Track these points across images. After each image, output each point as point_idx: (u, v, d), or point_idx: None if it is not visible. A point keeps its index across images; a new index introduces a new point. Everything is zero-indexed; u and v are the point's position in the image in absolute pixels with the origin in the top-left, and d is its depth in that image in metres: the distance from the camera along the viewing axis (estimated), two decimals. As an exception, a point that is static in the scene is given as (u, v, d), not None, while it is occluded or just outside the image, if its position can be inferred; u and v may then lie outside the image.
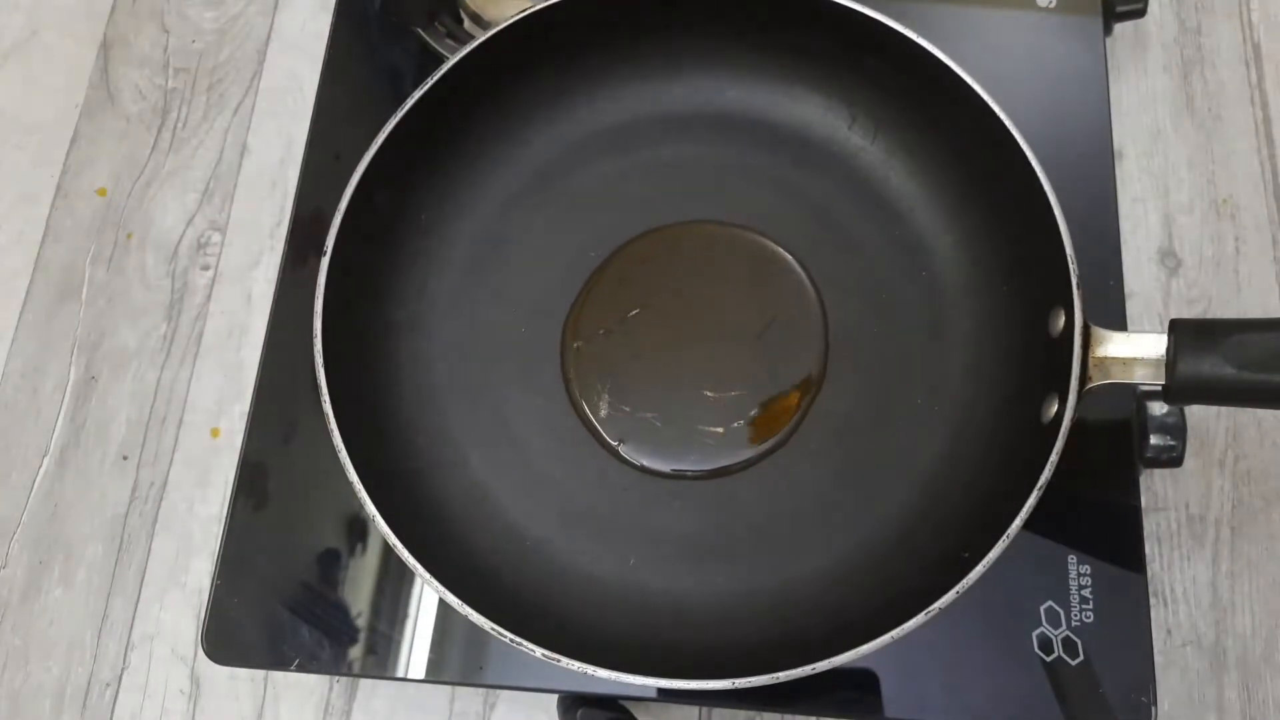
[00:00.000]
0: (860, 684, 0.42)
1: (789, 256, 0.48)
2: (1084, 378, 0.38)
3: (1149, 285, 0.53)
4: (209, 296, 0.55)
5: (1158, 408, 0.45)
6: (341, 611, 0.44)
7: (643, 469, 0.44)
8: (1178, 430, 0.45)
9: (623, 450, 0.44)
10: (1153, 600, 0.48)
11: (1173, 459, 0.45)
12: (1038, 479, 0.36)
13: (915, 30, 0.43)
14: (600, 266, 0.48)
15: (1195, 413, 0.49)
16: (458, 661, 0.43)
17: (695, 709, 0.48)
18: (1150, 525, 0.49)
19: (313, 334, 0.41)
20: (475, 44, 0.45)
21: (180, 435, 0.53)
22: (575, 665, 0.35)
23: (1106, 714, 0.41)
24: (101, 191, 0.58)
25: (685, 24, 0.48)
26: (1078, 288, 0.38)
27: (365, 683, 0.48)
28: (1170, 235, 0.54)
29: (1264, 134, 0.56)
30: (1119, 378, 0.38)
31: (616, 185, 0.49)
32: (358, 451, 0.39)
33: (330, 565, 0.45)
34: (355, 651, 0.44)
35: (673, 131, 0.50)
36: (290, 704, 0.48)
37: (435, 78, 0.44)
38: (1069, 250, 0.39)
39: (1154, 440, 0.44)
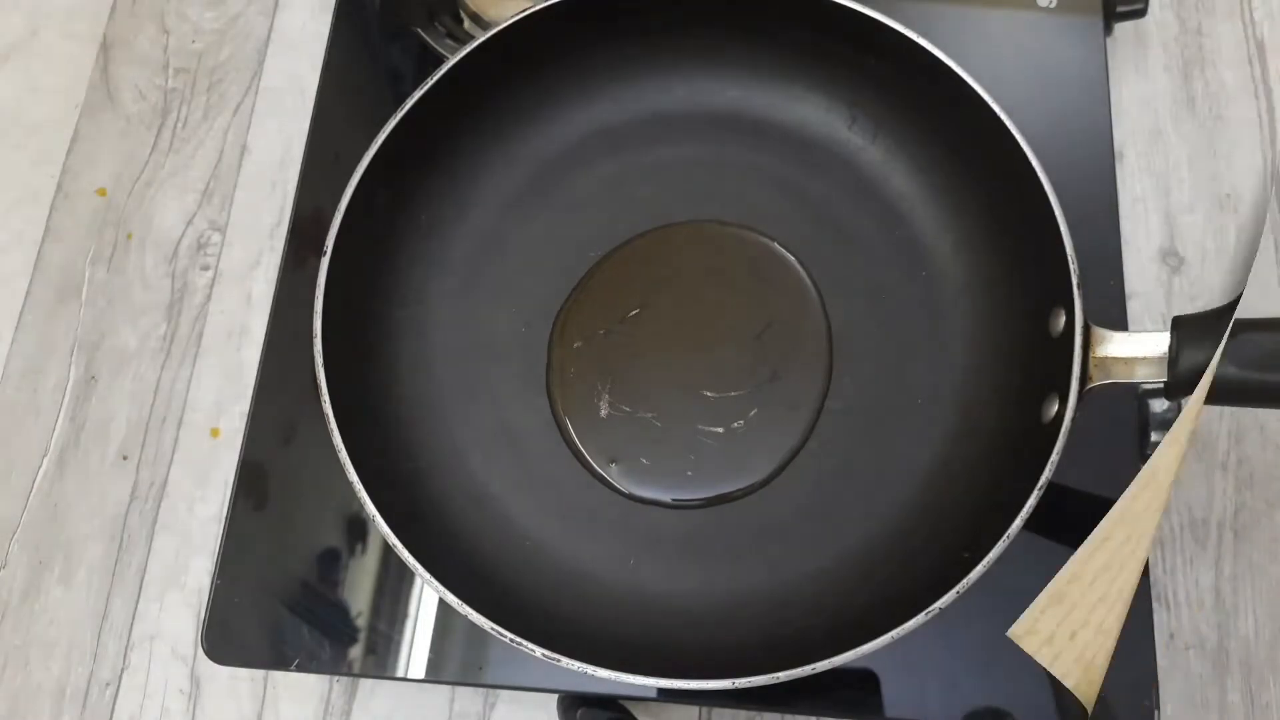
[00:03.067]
0: (860, 684, 0.42)
1: (789, 256, 0.48)
2: (1084, 378, 0.37)
3: (1150, 285, 0.53)
4: (209, 296, 0.55)
5: (1159, 406, 0.45)
6: (341, 611, 0.44)
7: (632, 496, 0.44)
8: (1179, 430, 0.44)
9: (612, 473, 0.44)
10: (1155, 604, 0.47)
11: (1174, 459, 0.45)
12: (1038, 479, 0.36)
13: (915, 30, 0.43)
14: (598, 266, 0.48)
15: (1196, 413, 0.49)
16: (458, 661, 0.43)
17: (695, 709, 0.48)
18: (1151, 526, 0.49)
19: (313, 334, 0.41)
20: (475, 44, 0.45)
21: (180, 435, 0.53)
22: (575, 665, 0.35)
23: (1109, 717, 0.41)
24: (101, 191, 0.58)
25: (685, 24, 0.48)
26: (1078, 287, 0.38)
27: (365, 683, 0.48)
28: (1171, 235, 0.54)
29: (1268, 130, 0.56)
30: (1120, 377, 0.38)
31: (616, 185, 0.49)
32: (358, 451, 0.39)
33: (330, 565, 0.45)
34: (355, 651, 0.44)
35: (673, 131, 0.50)
36: (290, 704, 0.48)
37: (435, 78, 0.44)
38: (1069, 250, 0.39)
39: (1155, 439, 0.44)
